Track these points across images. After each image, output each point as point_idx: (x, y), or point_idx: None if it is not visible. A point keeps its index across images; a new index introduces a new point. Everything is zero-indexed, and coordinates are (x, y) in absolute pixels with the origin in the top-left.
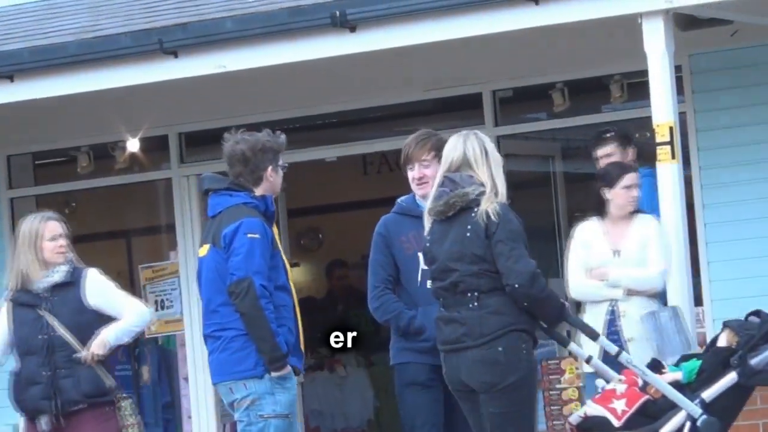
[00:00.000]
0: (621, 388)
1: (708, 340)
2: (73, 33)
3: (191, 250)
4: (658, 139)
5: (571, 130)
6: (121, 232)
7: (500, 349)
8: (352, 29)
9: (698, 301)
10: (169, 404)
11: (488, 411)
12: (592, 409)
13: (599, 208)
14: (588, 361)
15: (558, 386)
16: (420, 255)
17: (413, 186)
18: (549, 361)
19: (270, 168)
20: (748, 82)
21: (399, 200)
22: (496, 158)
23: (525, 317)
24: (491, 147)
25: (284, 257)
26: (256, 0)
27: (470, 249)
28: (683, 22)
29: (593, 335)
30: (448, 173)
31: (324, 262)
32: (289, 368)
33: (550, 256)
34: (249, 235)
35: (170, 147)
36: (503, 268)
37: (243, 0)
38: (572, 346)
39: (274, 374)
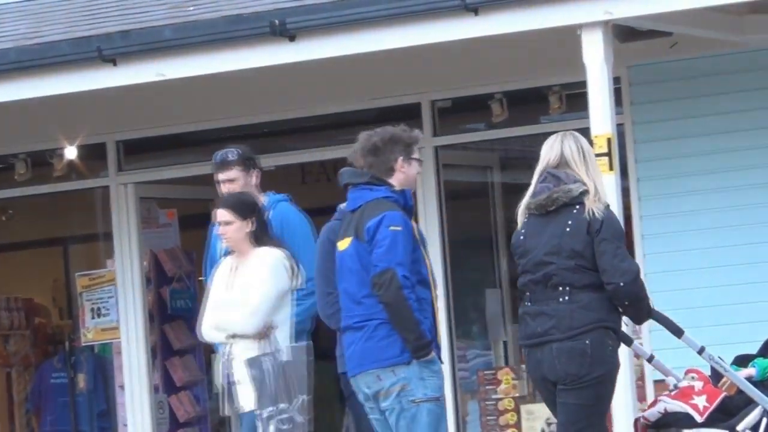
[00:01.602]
0: (698, 384)
1: (649, 352)
2: (13, 39)
3: (128, 258)
4: (597, 150)
5: (510, 141)
6: (58, 239)
7: (587, 342)
8: (292, 38)
9: None
10: (104, 412)
11: (565, 402)
12: (672, 405)
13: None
14: (650, 360)
15: (494, 396)
16: None
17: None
18: (485, 372)
19: (401, 159)
20: (687, 93)
21: (340, 207)
22: (593, 158)
23: (613, 316)
24: (588, 147)
25: (425, 251)
26: (196, 8)
27: (569, 244)
28: (622, 33)
29: (678, 332)
30: (551, 169)
31: None
32: (434, 353)
33: (487, 266)
34: (392, 228)
35: (108, 155)
36: (608, 265)
37: (184, 8)
38: (635, 345)
39: (421, 359)
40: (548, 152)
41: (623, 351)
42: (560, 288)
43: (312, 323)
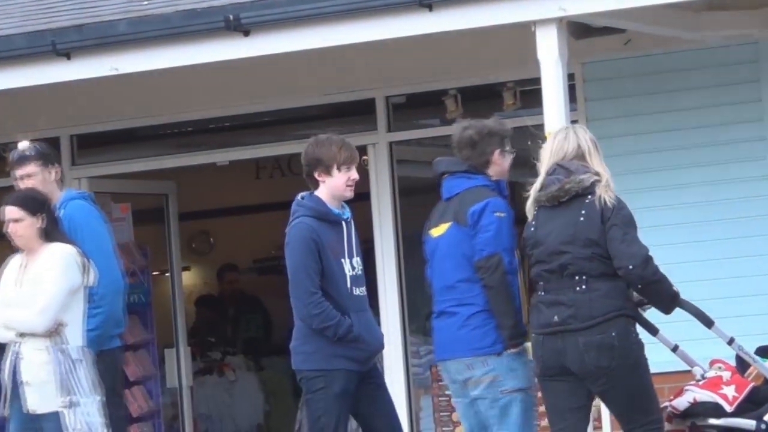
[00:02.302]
0: (726, 375)
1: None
2: None
3: None
4: None
5: None
6: None
7: (613, 334)
8: (246, 33)
9: None
10: None
11: (614, 395)
12: (701, 394)
13: None
14: (675, 349)
15: (447, 392)
16: (343, 261)
17: (344, 188)
18: (439, 367)
19: (497, 151)
20: (641, 90)
21: (305, 203)
22: (600, 149)
23: (630, 304)
24: (595, 138)
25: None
26: (151, 3)
27: (584, 233)
28: (577, 30)
29: (709, 323)
30: (561, 162)
31: (215, 266)
32: (523, 344)
33: None
34: (497, 214)
35: (62, 149)
36: (616, 251)
37: (139, 2)
38: (660, 334)
39: (511, 350)
40: (564, 145)
41: None
42: (576, 277)
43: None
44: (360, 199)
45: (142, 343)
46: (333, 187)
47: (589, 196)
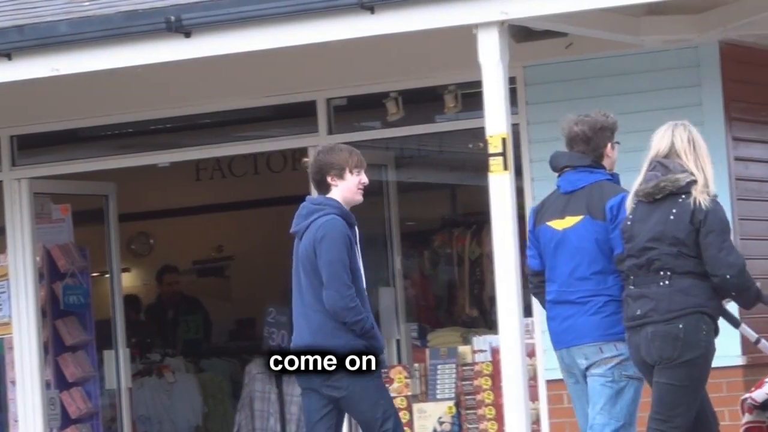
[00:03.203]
0: None
1: (536, 351)
2: None
3: (21, 254)
4: (491, 150)
5: (405, 140)
6: None
7: (680, 326)
8: (187, 35)
9: (528, 312)
10: None
11: (658, 381)
12: None
13: None
14: (757, 342)
15: None
16: (359, 261)
17: (356, 191)
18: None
19: (609, 145)
20: (582, 94)
21: (329, 202)
22: (702, 148)
23: (712, 303)
24: (698, 137)
25: None
26: (92, 3)
27: (672, 232)
28: (519, 33)
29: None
30: (661, 159)
31: (154, 267)
32: None
33: (381, 264)
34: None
35: (2, 150)
36: (714, 259)
37: (80, 3)
38: (743, 327)
39: None
40: (659, 142)
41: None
42: (662, 272)
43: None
44: (300, 201)
45: (81, 344)
46: (346, 190)
47: (683, 196)
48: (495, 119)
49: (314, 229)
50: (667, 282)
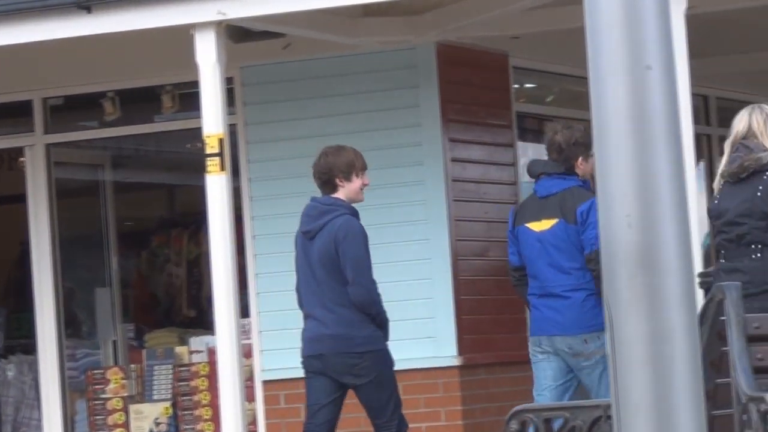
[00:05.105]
0: None
1: (253, 351)
2: None
3: None
4: (208, 150)
5: (123, 140)
6: None
7: None
8: None
9: (245, 312)
10: None
11: None
12: None
13: None
14: None
15: (103, 396)
16: None
17: (360, 192)
18: (94, 371)
19: (580, 158)
20: (299, 95)
21: (341, 203)
22: None
23: None
24: None
25: None
26: None
27: (760, 207)
28: (236, 34)
29: None
30: (743, 141)
31: None
32: None
33: (98, 264)
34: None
35: None
36: None
37: None
38: None
39: None
40: (737, 124)
41: (227, 357)
42: (752, 246)
43: None
44: (16, 201)
45: None
46: (351, 191)
47: (767, 173)
48: (212, 120)
49: (333, 229)
50: (758, 255)
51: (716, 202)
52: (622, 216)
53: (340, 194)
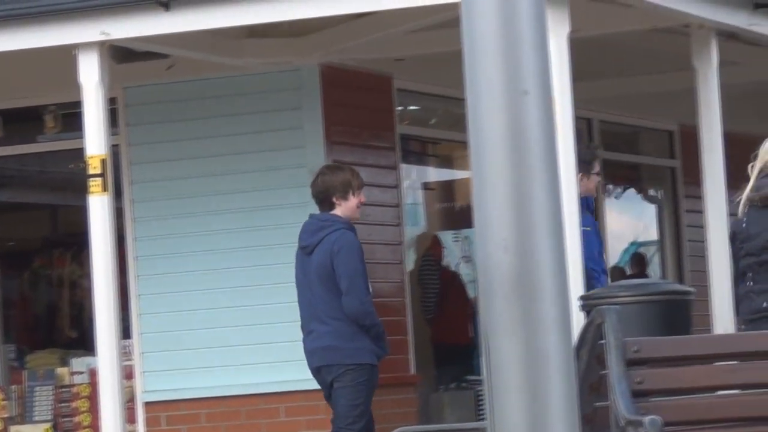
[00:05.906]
0: None
1: (134, 373)
2: None
3: None
4: (91, 171)
5: (5, 159)
6: None
7: None
8: None
9: (127, 333)
10: None
11: None
12: None
13: None
14: None
15: None
16: None
17: (354, 210)
18: None
19: (580, 174)
20: (183, 116)
21: (338, 219)
22: None
23: None
24: None
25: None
26: None
27: None
28: (120, 54)
29: None
30: None
31: None
32: None
33: None
34: (582, 228)
35: None
36: None
37: None
38: None
39: None
40: (764, 154)
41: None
42: None
43: None
44: None
45: None
46: (348, 208)
47: None
48: (94, 140)
49: (329, 243)
50: None
51: (744, 225)
52: (498, 240)
53: (338, 212)
